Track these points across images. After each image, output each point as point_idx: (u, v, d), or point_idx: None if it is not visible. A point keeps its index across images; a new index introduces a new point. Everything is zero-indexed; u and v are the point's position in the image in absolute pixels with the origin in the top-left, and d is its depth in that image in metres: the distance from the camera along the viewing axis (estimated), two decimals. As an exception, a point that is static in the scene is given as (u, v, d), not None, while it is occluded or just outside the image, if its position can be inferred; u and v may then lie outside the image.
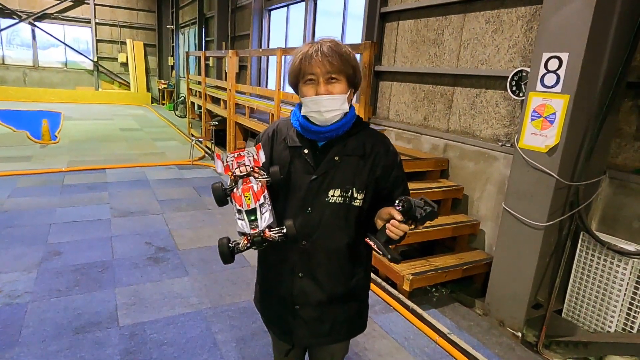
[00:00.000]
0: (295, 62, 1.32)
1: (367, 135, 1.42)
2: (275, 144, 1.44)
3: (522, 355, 2.86)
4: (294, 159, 1.39)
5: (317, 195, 1.36)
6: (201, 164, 7.63)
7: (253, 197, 1.15)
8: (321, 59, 1.26)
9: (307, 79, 1.30)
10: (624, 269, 2.69)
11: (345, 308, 1.50)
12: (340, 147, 1.37)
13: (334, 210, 1.37)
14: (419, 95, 4.69)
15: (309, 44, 1.32)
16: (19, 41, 16.93)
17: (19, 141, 8.50)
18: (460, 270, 3.47)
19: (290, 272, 1.44)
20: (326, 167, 1.36)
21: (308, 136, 1.38)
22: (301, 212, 1.38)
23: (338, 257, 1.43)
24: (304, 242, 1.39)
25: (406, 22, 4.80)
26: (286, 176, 1.38)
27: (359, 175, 1.37)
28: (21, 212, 4.71)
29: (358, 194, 1.38)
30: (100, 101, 16.91)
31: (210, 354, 2.61)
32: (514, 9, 3.59)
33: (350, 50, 1.33)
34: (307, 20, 7.50)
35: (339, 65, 1.28)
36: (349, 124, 1.38)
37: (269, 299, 1.56)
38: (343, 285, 1.46)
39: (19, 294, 3.11)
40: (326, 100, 1.29)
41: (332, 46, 1.28)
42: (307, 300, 1.44)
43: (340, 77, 1.30)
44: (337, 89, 1.29)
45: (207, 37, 12.82)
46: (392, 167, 1.43)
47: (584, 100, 2.61)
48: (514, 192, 2.98)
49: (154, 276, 3.50)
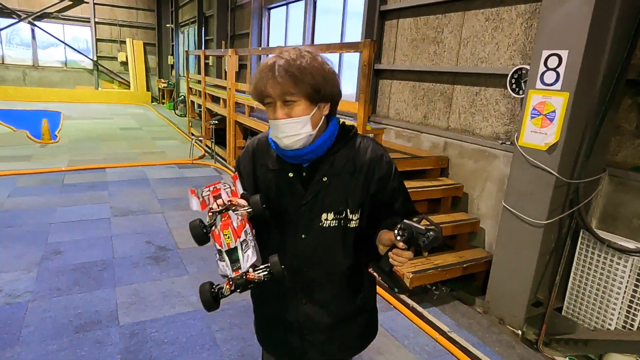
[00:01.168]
0: (254, 81, 1.19)
1: (357, 148, 1.29)
2: (257, 166, 1.33)
3: (522, 353, 2.86)
4: (280, 183, 1.28)
5: (310, 220, 1.27)
6: (201, 163, 7.63)
7: (233, 235, 1.05)
8: (272, 81, 1.13)
9: (266, 101, 1.19)
10: (624, 266, 2.69)
11: (354, 324, 1.44)
12: (327, 166, 1.25)
13: (329, 234, 1.28)
14: (419, 93, 4.68)
15: (272, 56, 1.18)
16: (19, 40, 16.91)
17: (19, 141, 8.50)
18: (460, 268, 3.47)
19: (292, 300, 1.36)
20: (315, 190, 1.25)
21: (288, 160, 1.26)
22: (296, 238, 1.29)
23: (340, 279, 1.35)
24: (304, 269, 1.31)
25: (406, 20, 4.79)
26: (274, 201, 1.27)
27: (351, 194, 1.26)
28: (21, 211, 4.71)
29: (353, 215, 1.27)
30: (100, 100, 16.89)
31: (210, 352, 2.61)
32: (514, 6, 3.58)
33: (310, 63, 1.15)
34: (307, 18, 7.50)
35: (290, 87, 1.13)
36: (329, 140, 1.25)
37: (273, 329, 1.47)
38: (349, 304, 1.40)
39: (19, 293, 3.12)
40: (284, 125, 1.16)
41: (284, 65, 1.13)
42: (315, 325, 1.37)
43: (297, 97, 1.15)
44: (296, 111, 1.16)
45: (207, 36, 12.81)
46: (388, 179, 1.30)
47: (583, 97, 2.61)
48: (514, 190, 2.98)
49: (154, 275, 3.50)
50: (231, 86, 7.10)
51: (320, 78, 1.16)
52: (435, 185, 3.98)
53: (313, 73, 1.15)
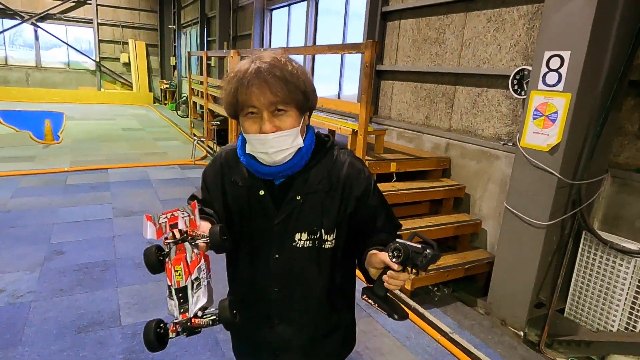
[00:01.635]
0: (230, 90, 1.04)
1: (333, 163, 1.17)
2: (225, 182, 1.21)
3: (524, 354, 2.85)
4: (251, 201, 1.17)
5: (283, 240, 1.17)
6: (203, 164, 7.64)
7: (184, 272, 0.96)
8: (260, 88, 1.00)
9: (247, 112, 1.05)
10: (626, 268, 2.68)
11: (330, 341, 1.34)
12: (301, 182, 1.14)
13: (303, 255, 1.18)
14: (421, 94, 4.68)
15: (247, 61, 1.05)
16: (22, 42, 16.98)
17: (22, 141, 8.53)
18: (462, 269, 3.46)
19: (265, 320, 1.27)
20: (288, 209, 1.15)
21: (260, 176, 1.15)
22: (269, 259, 1.19)
23: (315, 300, 1.26)
24: (276, 289, 1.22)
25: (408, 21, 4.79)
26: (246, 220, 1.19)
27: (326, 214, 1.16)
28: (24, 212, 4.73)
29: (328, 235, 1.17)
30: (102, 101, 16.94)
31: (212, 352, 2.61)
32: (516, 7, 3.58)
33: (297, 68, 1.05)
34: (309, 19, 7.51)
35: (284, 94, 1.02)
36: (306, 156, 1.14)
37: (246, 348, 1.41)
38: (325, 324, 1.31)
39: (22, 293, 3.13)
40: (274, 139, 1.04)
41: (272, 69, 1.01)
42: (288, 345, 1.28)
43: (289, 107, 1.04)
44: (286, 123, 1.05)
45: (209, 37, 12.84)
46: (367, 196, 1.19)
47: (586, 98, 2.60)
48: (516, 191, 2.98)
49: (156, 276, 3.45)
50: (233, 87, 7.10)
51: (309, 84, 1.08)
52: (437, 186, 3.98)
53: (303, 79, 1.06)
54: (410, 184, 3.92)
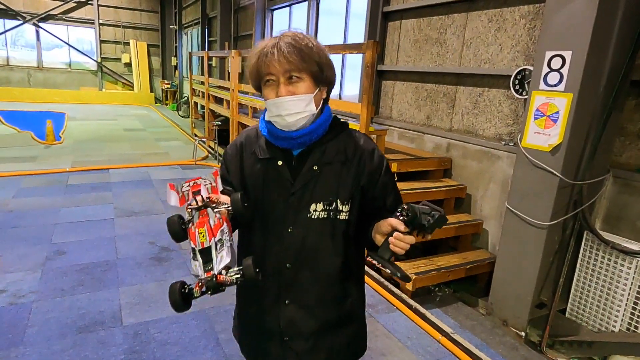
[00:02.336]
0: (252, 61, 1.16)
1: (348, 138, 1.26)
2: (244, 157, 1.27)
3: (526, 354, 2.85)
4: (268, 173, 1.23)
5: (298, 211, 1.20)
6: (204, 164, 7.65)
7: (208, 234, 1.02)
8: (277, 57, 1.11)
9: (266, 80, 1.15)
10: (628, 268, 2.68)
11: (342, 334, 1.33)
12: (318, 154, 1.21)
13: (317, 227, 1.21)
14: (422, 94, 4.68)
15: (269, 39, 1.16)
16: (24, 42, 17.02)
17: (24, 142, 8.55)
18: (463, 269, 3.46)
19: (275, 300, 1.27)
20: (305, 179, 1.19)
21: (279, 144, 1.21)
22: (282, 232, 1.22)
23: (328, 279, 1.27)
24: (288, 265, 1.23)
25: (409, 21, 4.79)
26: (261, 192, 1.23)
27: (342, 184, 1.21)
28: (26, 212, 4.74)
29: (343, 206, 1.22)
30: (104, 101, 16.96)
31: (214, 353, 2.61)
32: (517, 7, 3.57)
33: (314, 43, 1.16)
34: (310, 19, 7.51)
35: (298, 62, 1.11)
36: (324, 126, 1.22)
37: (252, 332, 1.38)
38: (336, 310, 1.31)
39: (24, 293, 3.13)
40: (288, 102, 1.13)
41: (291, 41, 1.12)
42: (297, 330, 1.27)
43: (303, 74, 1.14)
44: (300, 89, 1.14)
45: (210, 37, 12.85)
46: (379, 172, 1.25)
47: (587, 98, 2.60)
48: (517, 191, 2.98)
49: (158, 275, 3.51)
50: (234, 87, 7.11)
51: (325, 59, 1.18)
52: (439, 186, 3.97)
53: (319, 53, 1.16)
54: (411, 184, 3.91)
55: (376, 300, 3.28)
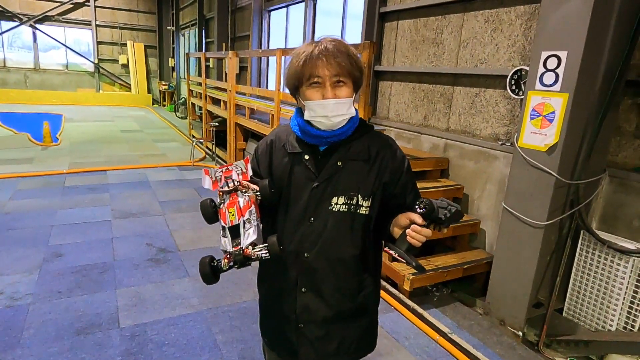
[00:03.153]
0: (298, 63, 1.21)
1: (372, 138, 1.33)
2: (274, 151, 1.35)
3: (523, 354, 2.85)
4: (295, 166, 1.30)
5: (320, 203, 1.27)
6: (202, 165, 7.64)
7: (237, 213, 1.09)
8: (327, 61, 1.18)
9: (312, 82, 1.21)
10: (624, 267, 2.68)
11: (354, 325, 1.40)
12: (343, 151, 1.28)
13: (338, 219, 1.28)
14: (419, 94, 4.69)
15: (311, 43, 1.23)
16: (20, 44, 16.98)
17: (21, 143, 8.53)
18: (460, 269, 3.47)
19: (292, 287, 1.34)
20: (329, 173, 1.27)
21: (309, 140, 1.29)
22: (303, 222, 1.29)
23: (344, 270, 1.33)
24: (306, 255, 1.30)
25: (405, 22, 4.80)
26: (287, 184, 1.30)
27: (364, 180, 1.28)
28: (22, 214, 4.72)
29: (364, 201, 1.28)
30: (101, 103, 16.94)
31: (211, 354, 2.61)
32: (513, 8, 3.58)
33: (355, 51, 1.25)
34: (307, 20, 7.51)
35: (347, 68, 1.19)
36: (353, 127, 1.30)
37: (271, 318, 1.46)
38: (350, 301, 1.36)
39: (21, 295, 3.12)
40: (334, 105, 1.20)
41: (338, 46, 1.20)
42: (312, 317, 1.34)
43: (348, 80, 1.21)
44: (344, 93, 1.21)
45: (207, 38, 12.84)
46: (401, 171, 1.33)
47: (583, 98, 2.61)
48: (514, 191, 2.98)
49: (155, 277, 3.50)
50: (232, 88, 7.11)
51: (362, 66, 1.26)
52: (436, 187, 3.98)
53: (359, 60, 1.25)
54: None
55: (374, 301, 3.28)
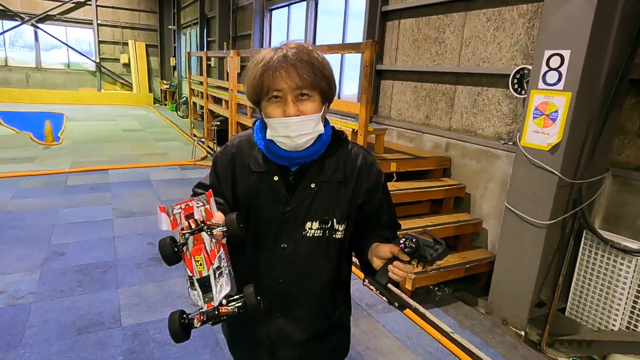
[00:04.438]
0: (255, 74, 1.06)
1: (347, 155, 1.20)
2: (237, 168, 1.20)
3: (525, 354, 2.85)
4: (263, 187, 1.17)
5: (293, 228, 1.17)
6: (204, 164, 7.64)
7: (205, 262, 0.94)
8: (287, 72, 1.03)
9: (271, 96, 1.06)
10: (627, 267, 2.67)
11: (328, 342, 1.35)
12: (316, 171, 1.16)
13: (312, 244, 1.18)
14: (421, 93, 4.68)
15: (272, 49, 1.07)
16: (22, 43, 16.98)
17: (22, 142, 8.54)
18: (462, 269, 3.46)
19: (265, 314, 1.25)
20: (301, 197, 1.15)
21: (277, 161, 1.15)
22: (275, 248, 1.19)
23: (319, 294, 1.26)
24: (280, 280, 1.21)
25: (407, 21, 4.79)
26: (254, 207, 1.18)
27: (339, 204, 1.18)
28: (24, 213, 4.73)
29: (339, 225, 1.19)
30: (102, 102, 16.95)
31: (213, 353, 2.61)
32: (516, 6, 3.57)
33: (322, 57, 1.09)
34: (309, 19, 7.50)
35: (311, 79, 1.04)
36: (324, 146, 1.16)
37: (242, 342, 1.38)
38: (325, 322, 1.31)
39: (23, 294, 3.12)
40: (297, 123, 1.06)
41: (299, 53, 1.04)
42: (287, 341, 1.27)
43: (313, 92, 1.06)
44: (309, 108, 1.06)
45: (209, 38, 12.84)
46: (376, 189, 1.23)
47: (586, 97, 2.60)
48: (517, 190, 2.97)
49: (157, 276, 3.50)
50: (233, 87, 7.11)
51: (331, 73, 1.11)
52: (438, 186, 3.97)
53: (327, 67, 1.09)
54: (410, 184, 3.91)
55: (375, 300, 3.27)
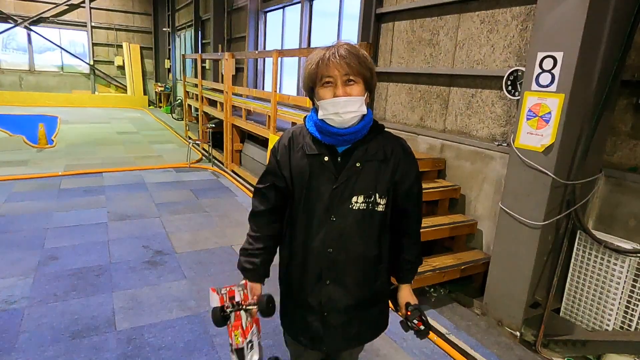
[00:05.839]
0: (312, 65, 1.31)
1: (386, 139, 1.43)
2: (292, 153, 1.42)
3: (521, 354, 2.86)
4: (314, 167, 1.38)
5: (340, 202, 1.37)
6: (198, 167, 7.62)
7: (241, 336, 1.30)
8: (339, 61, 1.27)
9: (324, 82, 1.30)
10: (621, 267, 2.69)
11: (371, 310, 1.53)
12: (361, 152, 1.37)
13: (357, 216, 1.38)
14: (415, 95, 4.69)
15: (325, 47, 1.32)
16: (15, 45, 16.88)
17: (16, 146, 8.48)
18: (458, 270, 3.47)
19: (316, 280, 1.44)
20: (348, 174, 1.36)
21: (326, 140, 1.37)
22: (326, 220, 1.38)
23: (363, 263, 1.45)
24: (330, 250, 1.40)
25: (402, 23, 4.81)
26: (307, 185, 1.39)
27: (380, 180, 1.38)
28: (18, 216, 4.69)
29: (381, 199, 1.39)
30: (96, 105, 16.87)
31: (208, 357, 2.60)
32: (509, 8, 3.60)
33: (366, 53, 1.34)
34: (303, 21, 7.51)
35: (356, 67, 1.28)
36: (367, 127, 1.37)
37: (296, 310, 1.55)
38: (368, 289, 1.49)
39: (16, 299, 3.10)
40: (344, 102, 1.28)
41: (349, 48, 1.29)
42: (335, 306, 1.46)
43: (358, 79, 1.30)
44: (355, 91, 1.30)
45: (204, 40, 12.81)
46: (411, 174, 1.44)
47: (579, 99, 2.61)
48: (511, 191, 2.99)
49: (152, 280, 3.48)
50: (228, 89, 7.10)
51: (373, 68, 1.36)
52: (433, 187, 3.98)
53: (370, 61, 1.34)
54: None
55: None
